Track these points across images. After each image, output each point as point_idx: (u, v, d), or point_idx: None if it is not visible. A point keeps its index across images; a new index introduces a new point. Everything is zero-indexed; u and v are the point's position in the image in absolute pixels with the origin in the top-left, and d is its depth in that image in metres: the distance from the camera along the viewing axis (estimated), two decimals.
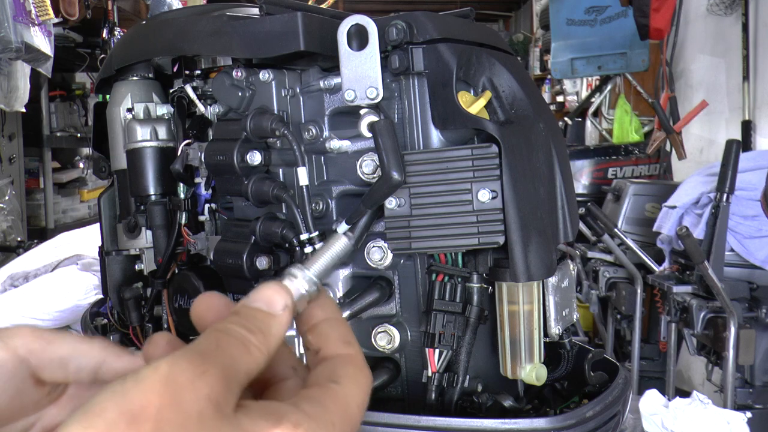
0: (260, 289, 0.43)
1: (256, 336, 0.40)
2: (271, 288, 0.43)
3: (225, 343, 0.38)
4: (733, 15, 4.40)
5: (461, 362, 1.06)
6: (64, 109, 5.55)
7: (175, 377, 0.35)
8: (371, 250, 1.10)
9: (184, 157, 1.22)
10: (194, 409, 0.34)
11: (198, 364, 0.36)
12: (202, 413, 0.35)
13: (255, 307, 0.42)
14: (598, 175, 4.14)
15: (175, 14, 1.30)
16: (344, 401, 0.41)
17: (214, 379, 0.36)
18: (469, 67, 1.10)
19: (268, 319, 0.41)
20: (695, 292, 2.61)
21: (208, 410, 0.35)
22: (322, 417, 0.39)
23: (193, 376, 0.35)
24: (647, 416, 1.72)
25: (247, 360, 0.39)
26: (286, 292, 0.43)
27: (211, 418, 0.35)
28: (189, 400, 0.34)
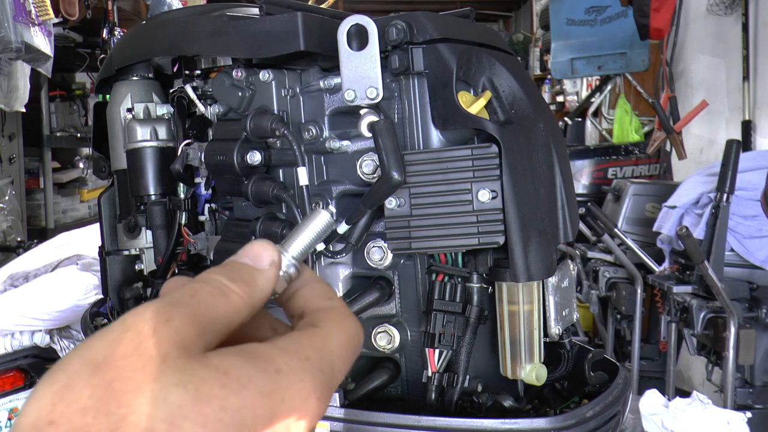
0: (247, 246, 0.43)
1: (239, 285, 0.40)
2: (259, 244, 0.43)
3: (201, 292, 0.38)
4: (733, 15, 4.40)
5: (461, 362, 1.06)
6: (64, 109, 5.55)
7: (138, 326, 0.35)
8: (371, 250, 1.10)
9: (184, 157, 1.22)
10: (156, 353, 0.34)
11: (164, 312, 0.36)
12: (166, 356, 0.34)
13: (241, 261, 0.42)
14: (598, 175, 4.14)
15: (175, 14, 1.30)
16: (322, 339, 0.40)
17: (182, 324, 0.36)
18: (469, 67, 1.10)
19: (254, 271, 0.41)
20: (695, 292, 2.61)
21: (172, 352, 0.34)
22: (296, 352, 0.38)
23: (156, 324, 0.35)
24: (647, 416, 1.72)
25: (225, 308, 0.38)
26: (273, 249, 0.43)
27: (176, 358, 0.34)
28: (151, 345, 0.34)
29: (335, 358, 0.40)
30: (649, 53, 5.22)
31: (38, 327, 2.28)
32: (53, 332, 2.32)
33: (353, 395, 1.10)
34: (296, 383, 0.37)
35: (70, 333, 2.35)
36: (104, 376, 0.34)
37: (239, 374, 0.35)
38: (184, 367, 0.34)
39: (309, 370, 0.38)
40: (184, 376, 0.34)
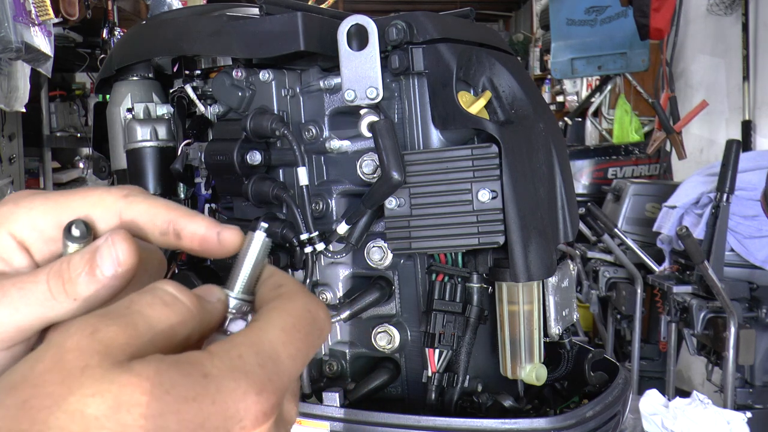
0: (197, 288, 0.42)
1: (188, 296, 0.38)
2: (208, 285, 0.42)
3: (138, 301, 0.37)
4: (733, 15, 4.40)
5: (461, 362, 1.06)
6: (64, 109, 5.54)
7: (60, 341, 0.34)
8: (371, 250, 1.10)
9: (184, 157, 1.23)
10: (76, 365, 0.33)
11: (90, 324, 0.35)
12: (86, 366, 0.33)
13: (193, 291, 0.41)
14: (598, 175, 4.14)
15: (175, 14, 1.31)
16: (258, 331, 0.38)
17: (109, 334, 0.34)
18: (469, 67, 1.10)
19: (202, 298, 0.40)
20: (695, 292, 2.61)
21: (93, 362, 0.33)
22: (227, 352, 0.36)
23: (80, 336, 0.34)
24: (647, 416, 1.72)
25: (166, 316, 0.37)
26: (220, 290, 0.42)
27: (97, 367, 0.33)
28: (72, 358, 0.33)
29: (278, 346, 0.38)
30: (649, 53, 5.22)
31: None
32: None
33: (353, 395, 1.10)
34: (227, 384, 0.35)
35: None
36: (19, 395, 0.33)
37: (162, 379, 0.33)
38: (103, 376, 0.33)
39: (242, 369, 0.36)
40: (102, 385, 0.33)
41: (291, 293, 0.41)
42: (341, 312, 1.10)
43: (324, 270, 1.15)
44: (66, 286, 0.39)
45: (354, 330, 1.16)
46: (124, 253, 0.39)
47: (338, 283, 1.15)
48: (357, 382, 1.13)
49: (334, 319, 1.11)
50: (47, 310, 0.39)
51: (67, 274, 0.39)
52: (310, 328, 0.40)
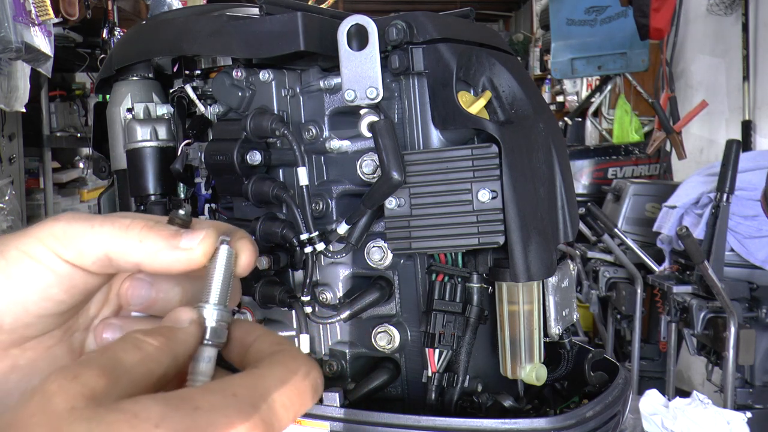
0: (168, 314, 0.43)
1: (154, 337, 0.39)
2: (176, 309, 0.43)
3: (112, 347, 0.38)
4: (733, 15, 4.40)
5: (461, 362, 1.06)
6: (64, 109, 5.54)
7: (44, 387, 0.35)
8: (371, 250, 1.10)
9: (184, 157, 1.23)
10: (63, 408, 0.34)
11: (70, 370, 0.36)
12: (73, 408, 0.34)
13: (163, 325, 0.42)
14: (598, 175, 4.14)
15: (175, 14, 1.31)
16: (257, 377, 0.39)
17: (91, 377, 0.35)
18: (469, 67, 1.10)
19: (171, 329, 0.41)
20: (695, 292, 2.61)
21: (80, 404, 0.34)
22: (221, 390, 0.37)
23: (63, 381, 0.35)
24: (647, 416, 1.72)
25: (139, 357, 0.38)
26: (191, 310, 0.43)
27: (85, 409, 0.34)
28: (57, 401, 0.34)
29: (274, 395, 0.39)
30: (649, 53, 5.22)
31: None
32: None
33: (353, 395, 1.10)
34: (219, 419, 0.35)
35: None
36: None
37: (150, 414, 0.34)
38: (92, 416, 0.33)
39: (236, 406, 0.36)
40: (91, 424, 0.33)
41: (291, 352, 0.43)
42: (341, 312, 1.10)
43: (324, 270, 1.15)
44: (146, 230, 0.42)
45: (354, 330, 1.16)
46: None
47: (338, 283, 1.15)
48: (357, 382, 1.13)
49: (334, 319, 1.11)
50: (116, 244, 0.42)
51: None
52: (305, 386, 0.41)
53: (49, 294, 0.43)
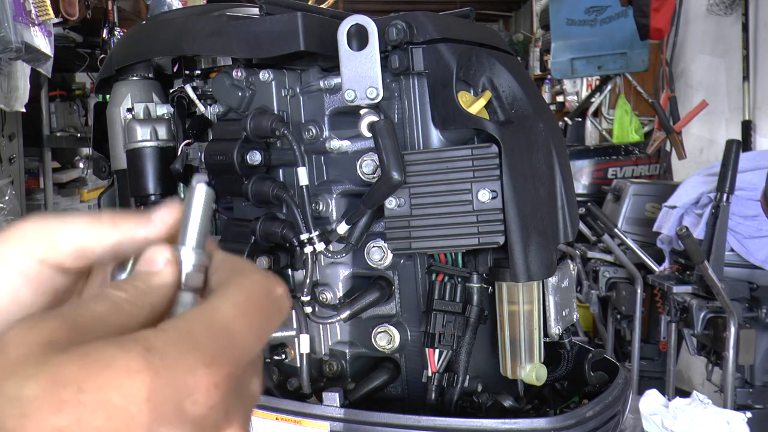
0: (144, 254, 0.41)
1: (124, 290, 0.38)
2: (151, 249, 0.41)
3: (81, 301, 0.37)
4: (733, 15, 4.40)
5: (461, 362, 1.06)
6: (64, 109, 5.54)
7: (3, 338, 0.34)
8: (371, 250, 1.10)
9: (184, 157, 1.22)
10: (16, 354, 0.33)
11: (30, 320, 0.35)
12: (27, 354, 0.33)
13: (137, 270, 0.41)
14: (598, 175, 4.14)
15: (175, 14, 1.31)
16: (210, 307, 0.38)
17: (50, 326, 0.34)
18: (469, 67, 1.10)
19: (147, 275, 0.40)
20: (695, 292, 2.61)
21: (35, 350, 0.33)
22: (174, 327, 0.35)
23: (20, 330, 0.34)
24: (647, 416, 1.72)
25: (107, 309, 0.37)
26: (165, 249, 0.41)
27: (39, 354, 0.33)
28: (11, 349, 0.33)
29: (230, 320, 0.37)
30: (649, 53, 5.22)
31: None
32: None
33: (353, 395, 1.10)
34: (173, 356, 0.34)
35: None
36: None
37: (102, 355, 0.33)
38: (43, 360, 0.33)
39: (191, 341, 0.35)
40: (41, 366, 0.32)
41: (246, 271, 0.41)
42: (341, 312, 1.10)
43: (324, 270, 1.15)
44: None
45: (354, 330, 1.16)
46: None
47: (338, 283, 1.15)
48: (357, 382, 1.13)
49: (334, 319, 1.11)
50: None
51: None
52: (266, 304, 0.39)
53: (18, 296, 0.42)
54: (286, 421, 1.05)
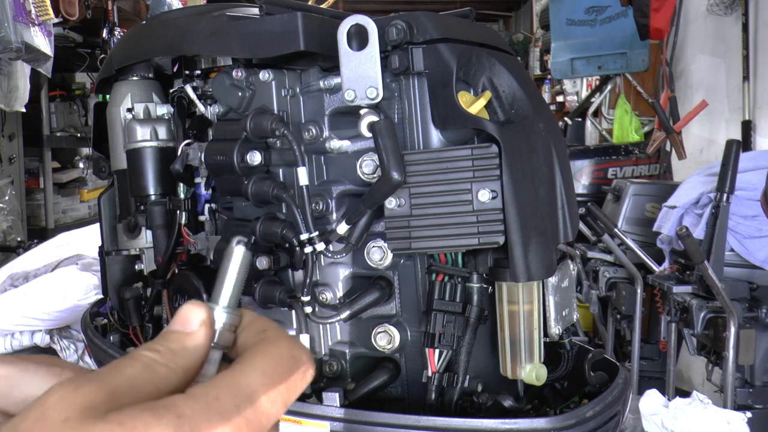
0: (178, 311, 0.42)
1: (162, 355, 0.40)
2: (187, 307, 0.42)
3: (121, 364, 0.38)
4: (733, 15, 4.40)
5: (461, 362, 1.06)
6: (64, 109, 5.54)
7: (44, 399, 0.36)
8: (371, 250, 1.10)
9: (184, 157, 1.22)
10: (57, 418, 0.34)
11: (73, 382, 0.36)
12: (67, 418, 0.34)
13: (171, 329, 0.42)
14: (598, 175, 4.14)
15: (175, 14, 1.31)
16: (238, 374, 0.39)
17: (90, 389, 0.36)
18: (469, 67, 1.10)
19: (182, 337, 0.41)
20: (695, 292, 2.61)
21: (74, 414, 0.35)
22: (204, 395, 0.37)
23: (63, 393, 0.35)
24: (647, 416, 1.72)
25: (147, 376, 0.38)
26: (200, 308, 0.42)
27: (77, 419, 0.34)
28: (53, 412, 0.35)
29: (257, 388, 0.39)
30: (649, 53, 5.22)
31: (38, 327, 2.28)
32: (53, 332, 2.32)
33: (353, 395, 1.10)
34: (201, 424, 0.36)
35: (70, 333, 2.35)
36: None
37: (135, 423, 0.34)
38: (82, 427, 0.34)
39: (218, 410, 0.37)
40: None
41: (274, 338, 0.42)
42: (341, 312, 1.10)
43: (324, 270, 1.15)
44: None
45: (354, 330, 1.16)
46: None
47: (338, 283, 1.15)
48: (357, 382, 1.13)
49: (334, 319, 1.11)
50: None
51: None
52: (292, 372, 0.41)
53: None
54: (286, 421, 1.05)
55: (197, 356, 0.41)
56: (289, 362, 0.41)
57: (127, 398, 0.36)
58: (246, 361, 0.40)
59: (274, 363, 0.40)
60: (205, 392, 0.37)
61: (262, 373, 0.39)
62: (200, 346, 0.41)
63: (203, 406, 0.37)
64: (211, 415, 0.36)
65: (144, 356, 0.39)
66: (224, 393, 0.38)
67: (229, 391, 0.38)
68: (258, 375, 0.39)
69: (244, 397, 0.38)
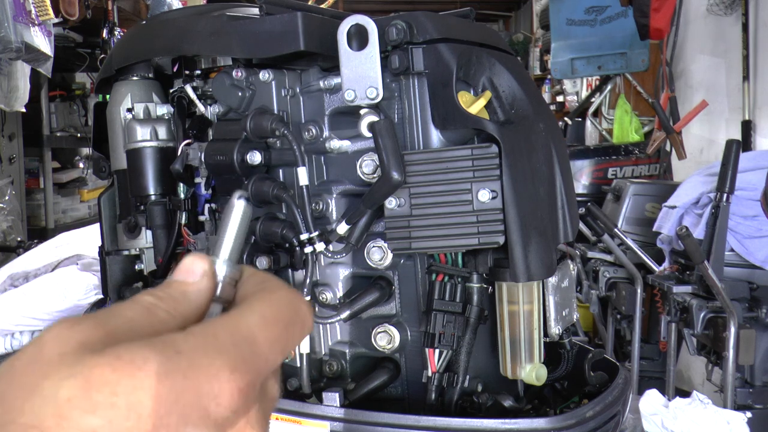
0: (182, 262, 0.43)
1: (164, 301, 0.40)
2: (189, 258, 0.42)
3: (122, 307, 0.38)
4: (733, 15, 4.40)
5: (461, 362, 1.06)
6: (64, 109, 5.54)
7: (42, 337, 0.36)
8: (371, 250, 1.10)
9: (184, 157, 1.22)
10: (54, 354, 0.34)
11: (71, 320, 0.36)
12: (63, 353, 0.34)
13: (174, 278, 0.42)
14: (598, 175, 4.14)
15: (175, 14, 1.31)
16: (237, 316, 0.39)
17: (88, 327, 0.36)
18: (469, 67, 1.10)
19: (183, 286, 0.41)
20: (695, 292, 2.61)
21: (70, 350, 0.34)
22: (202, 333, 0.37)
23: (60, 330, 0.36)
24: (647, 416, 1.72)
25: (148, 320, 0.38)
26: (203, 260, 0.42)
27: (73, 354, 0.34)
28: (49, 348, 0.35)
29: (255, 331, 0.39)
30: (649, 53, 5.22)
31: (38, 327, 2.28)
32: None
33: (353, 395, 1.10)
34: (200, 360, 0.35)
35: None
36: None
37: (133, 357, 0.34)
38: (77, 361, 0.34)
39: (216, 347, 0.36)
40: (75, 368, 0.34)
41: (275, 287, 0.42)
42: (341, 312, 1.10)
43: (324, 270, 1.15)
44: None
45: (354, 330, 1.16)
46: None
47: (338, 283, 1.15)
48: (357, 382, 1.13)
49: (334, 319, 1.11)
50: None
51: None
52: (291, 319, 0.41)
53: None
54: (286, 421, 1.05)
55: (198, 306, 0.41)
56: (289, 311, 0.41)
57: (125, 339, 0.36)
58: (246, 305, 0.40)
59: (274, 309, 0.40)
60: (203, 330, 0.37)
61: (261, 317, 0.39)
62: (201, 296, 0.41)
63: (201, 341, 0.36)
64: (208, 351, 0.36)
65: (145, 300, 0.39)
66: (222, 331, 0.37)
67: (227, 330, 0.38)
68: (257, 318, 0.39)
69: (241, 337, 0.38)
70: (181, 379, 0.34)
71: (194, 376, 0.35)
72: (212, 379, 0.35)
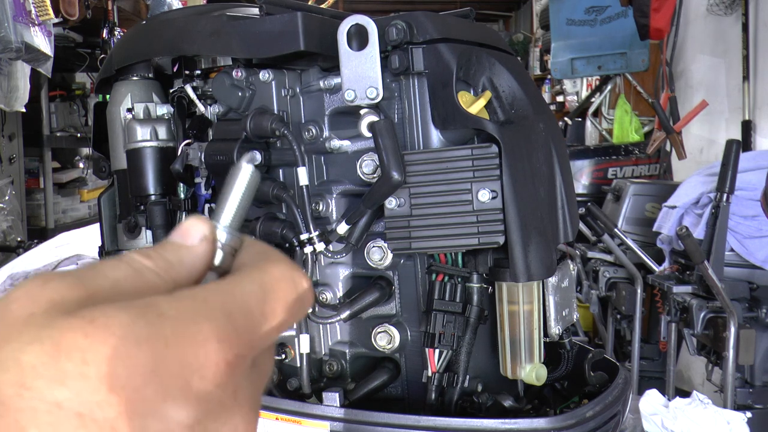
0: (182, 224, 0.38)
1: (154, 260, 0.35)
2: (189, 221, 0.38)
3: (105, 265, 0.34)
4: (733, 15, 4.40)
5: (461, 362, 1.06)
6: (64, 109, 5.54)
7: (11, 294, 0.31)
8: (371, 250, 1.10)
9: (184, 157, 1.22)
10: (21, 314, 0.30)
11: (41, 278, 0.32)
12: (31, 314, 0.30)
13: (170, 240, 0.38)
14: (598, 175, 4.14)
15: (175, 14, 1.31)
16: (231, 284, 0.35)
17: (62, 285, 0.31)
18: (469, 67, 1.10)
19: (179, 248, 0.37)
20: (695, 292, 2.61)
21: (39, 310, 0.30)
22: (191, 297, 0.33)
23: (30, 288, 0.31)
24: (647, 416, 1.72)
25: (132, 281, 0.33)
26: (204, 224, 0.38)
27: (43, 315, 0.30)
28: (16, 308, 0.30)
29: (251, 301, 0.34)
30: (649, 53, 5.22)
31: None
32: None
33: (353, 395, 1.10)
34: (186, 326, 0.31)
35: None
36: None
37: (108, 321, 0.29)
38: (46, 323, 0.30)
39: (205, 313, 0.32)
40: (43, 330, 0.29)
41: (275, 259, 0.38)
42: (341, 312, 1.10)
43: (324, 270, 1.15)
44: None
45: (354, 330, 1.16)
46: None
47: (338, 283, 1.15)
48: (357, 382, 1.13)
49: (334, 319, 1.11)
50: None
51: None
52: (289, 293, 0.37)
53: None
54: (286, 421, 1.05)
55: (192, 272, 0.37)
56: (289, 284, 0.37)
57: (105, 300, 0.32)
58: (244, 273, 0.36)
59: (273, 280, 0.36)
60: (192, 294, 0.33)
61: (259, 287, 0.35)
62: (198, 261, 0.37)
63: (189, 306, 0.32)
64: (196, 317, 0.31)
65: (134, 260, 0.35)
66: (214, 297, 0.33)
67: (220, 296, 0.33)
68: (255, 287, 0.35)
69: (235, 306, 0.33)
70: (162, 347, 0.30)
71: (177, 344, 0.30)
72: (198, 348, 0.31)
